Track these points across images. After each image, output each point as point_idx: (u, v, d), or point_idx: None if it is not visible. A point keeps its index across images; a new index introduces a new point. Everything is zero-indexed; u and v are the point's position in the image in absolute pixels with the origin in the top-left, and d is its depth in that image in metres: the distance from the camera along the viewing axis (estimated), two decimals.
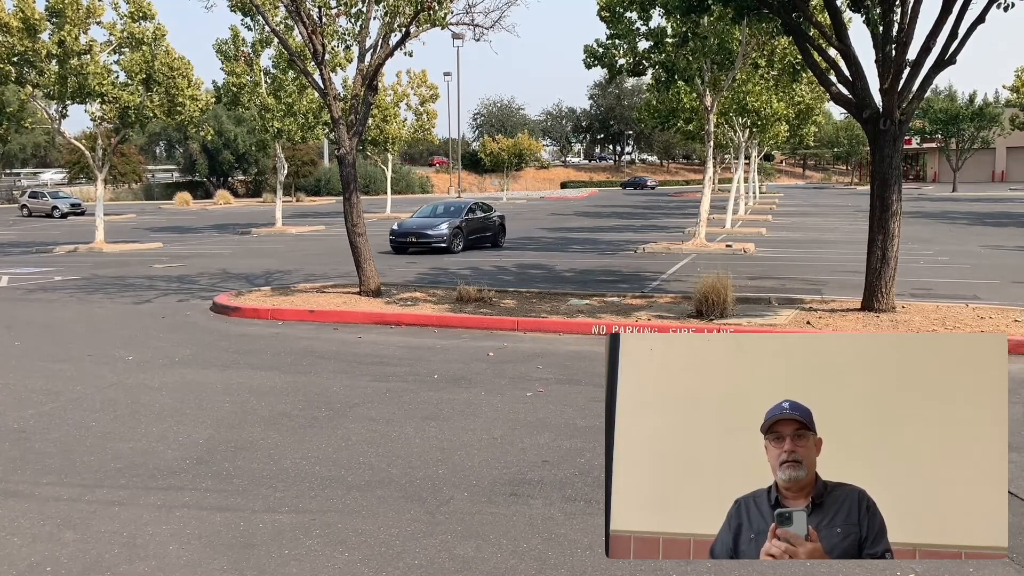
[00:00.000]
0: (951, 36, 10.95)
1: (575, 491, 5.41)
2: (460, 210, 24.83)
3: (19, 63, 24.22)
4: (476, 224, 24.62)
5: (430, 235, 23.25)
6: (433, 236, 23.24)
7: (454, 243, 23.27)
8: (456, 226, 23.60)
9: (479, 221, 24.89)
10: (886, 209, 11.40)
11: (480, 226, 24.78)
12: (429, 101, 44.18)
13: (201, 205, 60.18)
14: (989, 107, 67.53)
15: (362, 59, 14.03)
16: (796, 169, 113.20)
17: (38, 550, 4.64)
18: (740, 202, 37.01)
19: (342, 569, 4.36)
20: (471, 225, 24.34)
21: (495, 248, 24.62)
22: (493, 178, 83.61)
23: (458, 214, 24.37)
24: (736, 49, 21.54)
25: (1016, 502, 5.15)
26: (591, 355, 9.61)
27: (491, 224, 25.27)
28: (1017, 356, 9.20)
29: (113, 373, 9.06)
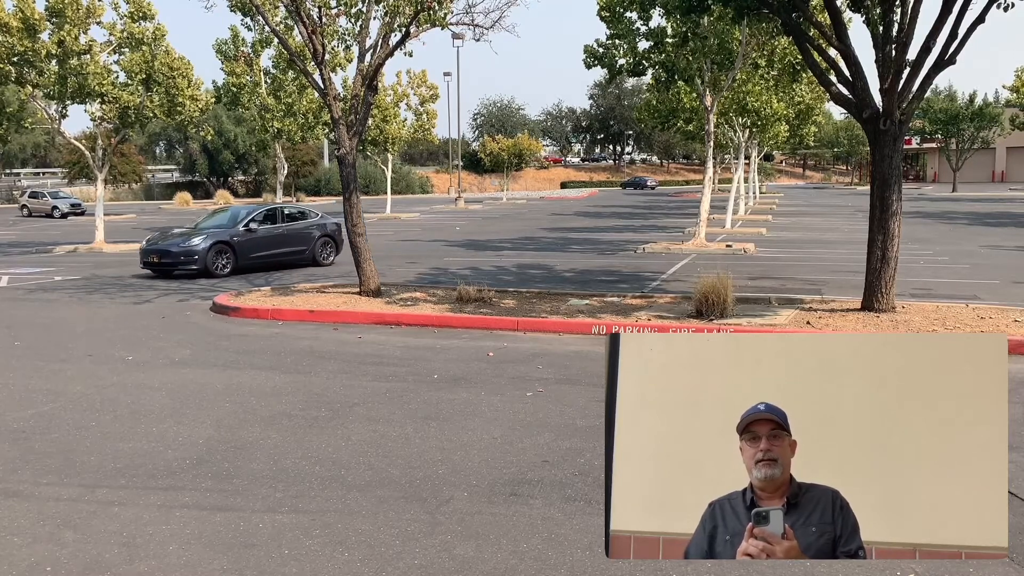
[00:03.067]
0: (951, 36, 10.95)
1: (575, 491, 5.41)
2: (239, 219, 19.21)
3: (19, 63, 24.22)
4: (268, 238, 19.18)
5: (174, 253, 18.00)
6: (178, 254, 17.97)
7: (216, 264, 18.05)
8: (222, 242, 18.31)
9: (275, 234, 19.42)
10: (886, 209, 11.39)
11: (278, 239, 19.40)
12: (429, 101, 44.18)
13: (201, 205, 60.07)
14: (989, 107, 67.52)
15: (362, 59, 14.03)
16: (796, 169, 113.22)
17: (38, 550, 4.64)
18: (740, 202, 37.00)
19: (342, 569, 4.36)
20: (255, 240, 18.89)
21: (316, 266, 19.81)
22: (493, 178, 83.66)
23: (232, 225, 19.00)
24: (736, 49, 21.54)
25: (1016, 502, 5.15)
26: (591, 355, 9.61)
27: (302, 236, 19.93)
28: (1017, 356, 9.20)
29: (113, 373, 9.06)
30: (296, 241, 19.79)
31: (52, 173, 75.78)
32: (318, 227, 20.38)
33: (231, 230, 18.74)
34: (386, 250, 23.06)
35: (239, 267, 18.47)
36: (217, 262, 18.12)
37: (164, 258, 18.12)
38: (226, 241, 18.42)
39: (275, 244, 19.35)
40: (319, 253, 20.18)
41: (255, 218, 19.21)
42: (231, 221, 19.24)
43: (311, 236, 20.09)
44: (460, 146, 70.41)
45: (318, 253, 20.15)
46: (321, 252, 20.24)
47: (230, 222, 19.20)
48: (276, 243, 19.37)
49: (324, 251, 20.35)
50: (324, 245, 20.35)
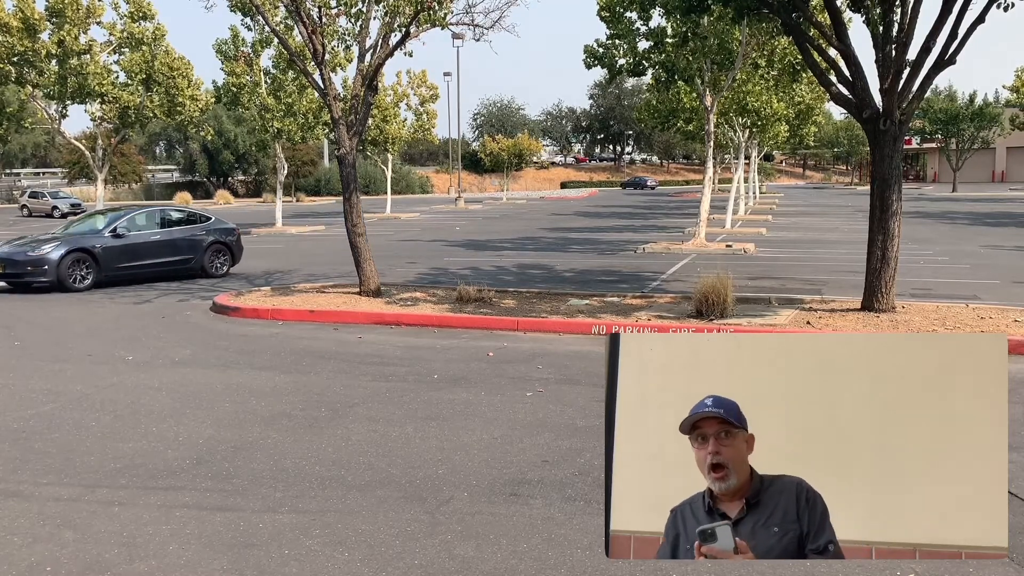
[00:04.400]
0: (951, 36, 10.95)
1: (575, 491, 5.41)
2: (106, 224, 16.80)
3: (19, 63, 24.25)
4: (141, 245, 16.75)
5: (20, 262, 15.71)
6: (25, 264, 15.66)
7: (73, 276, 15.69)
8: (81, 249, 15.93)
9: (151, 241, 16.95)
10: (886, 209, 11.39)
11: (155, 247, 16.94)
12: (429, 101, 44.19)
13: (201, 205, 60.10)
14: (989, 107, 67.56)
15: (362, 59, 14.03)
16: (796, 169, 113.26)
17: (38, 550, 4.64)
18: (740, 202, 37.00)
19: (342, 569, 4.36)
20: (125, 248, 16.47)
21: (206, 278, 17.44)
22: (493, 178, 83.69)
23: (97, 230, 16.59)
24: (736, 49, 21.54)
25: (1016, 502, 5.15)
26: (591, 355, 9.61)
27: (188, 244, 17.45)
28: (1017, 356, 9.20)
29: (113, 373, 9.06)
30: (179, 249, 17.29)
31: (52, 173, 75.85)
32: (209, 232, 17.83)
33: (94, 236, 16.31)
34: (386, 250, 23.05)
35: (103, 279, 16.05)
36: (74, 273, 15.71)
37: (8, 268, 15.74)
38: (86, 249, 15.94)
39: (151, 253, 16.85)
40: (209, 263, 17.64)
41: (126, 223, 16.81)
42: (98, 226, 16.81)
43: (199, 243, 17.58)
44: (460, 146, 70.44)
45: (208, 263, 17.60)
46: (212, 262, 17.70)
47: (96, 227, 16.78)
48: (152, 252, 16.88)
49: (216, 260, 17.79)
50: (216, 253, 17.84)
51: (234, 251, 18.38)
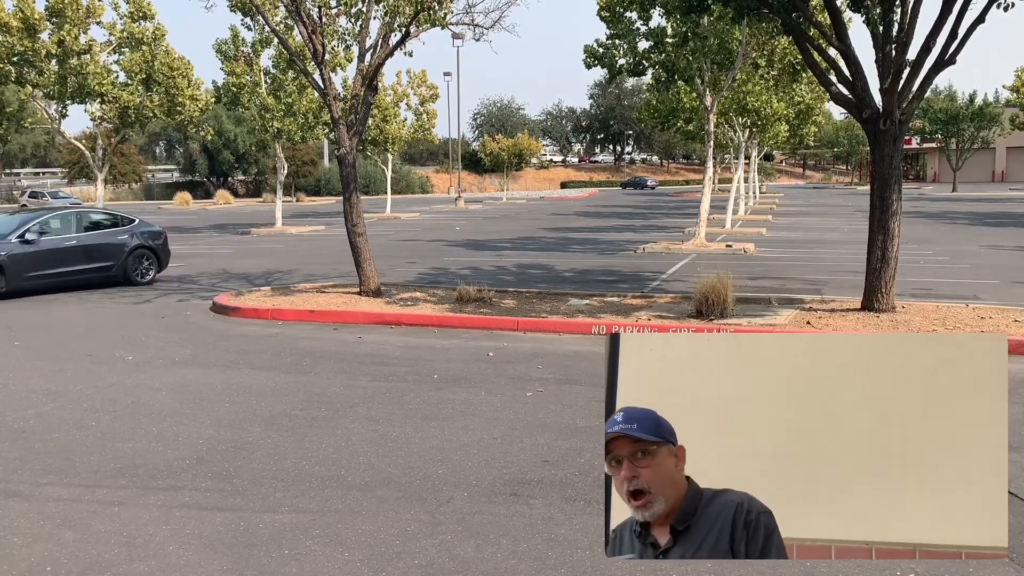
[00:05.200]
0: (951, 36, 10.95)
1: (575, 491, 5.41)
2: (13, 229, 15.25)
3: (19, 63, 24.25)
4: (55, 252, 15.40)
5: None
6: None
7: None
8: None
9: (67, 247, 15.61)
10: (886, 209, 11.39)
11: (70, 254, 15.63)
12: (429, 101, 44.18)
13: (201, 205, 60.19)
14: (989, 107, 67.54)
15: (362, 59, 14.03)
16: (796, 169, 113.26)
17: (38, 550, 4.64)
18: (740, 202, 36.99)
19: (342, 569, 4.36)
20: (37, 255, 15.09)
21: (130, 285, 16.24)
22: (493, 178, 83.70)
23: (4, 236, 15.04)
24: (736, 49, 21.54)
25: (1016, 502, 5.15)
26: (591, 355, 9.61)
27: (108, 249, 16.18)
28: (1017, 356, 9.20)
29: (113, 373, 9.06)
30: (98, 255, 16.02)
31: (52, 173, 75.90)
32: (133, 236, 16.62)
33: (1, 243, 14.88)
34: (386, 250, 23.05)
35: (12, 290, 14.74)
36: None
37: None
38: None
39: (66, 260, 15.53)
40: (133, 269, 16.46)
41: (37, 227, 15.43)
42: (4, 231, 15.23)
43: (120, 249, 16.34)
44: (460, 146, 70.44)
45: (131, 269, 16.42)
46: (135, 268, 16.52)
47: (2, 232, 15.17)
48: (68, 258, 15.57)
49: (139, 266, 16.62)
50: (140, 259, 16.62)
51: (160, 256, 17.14)
